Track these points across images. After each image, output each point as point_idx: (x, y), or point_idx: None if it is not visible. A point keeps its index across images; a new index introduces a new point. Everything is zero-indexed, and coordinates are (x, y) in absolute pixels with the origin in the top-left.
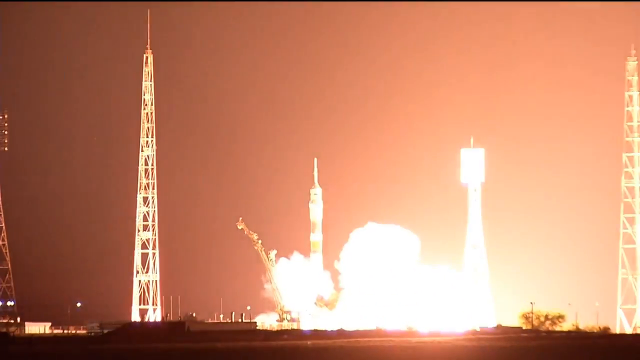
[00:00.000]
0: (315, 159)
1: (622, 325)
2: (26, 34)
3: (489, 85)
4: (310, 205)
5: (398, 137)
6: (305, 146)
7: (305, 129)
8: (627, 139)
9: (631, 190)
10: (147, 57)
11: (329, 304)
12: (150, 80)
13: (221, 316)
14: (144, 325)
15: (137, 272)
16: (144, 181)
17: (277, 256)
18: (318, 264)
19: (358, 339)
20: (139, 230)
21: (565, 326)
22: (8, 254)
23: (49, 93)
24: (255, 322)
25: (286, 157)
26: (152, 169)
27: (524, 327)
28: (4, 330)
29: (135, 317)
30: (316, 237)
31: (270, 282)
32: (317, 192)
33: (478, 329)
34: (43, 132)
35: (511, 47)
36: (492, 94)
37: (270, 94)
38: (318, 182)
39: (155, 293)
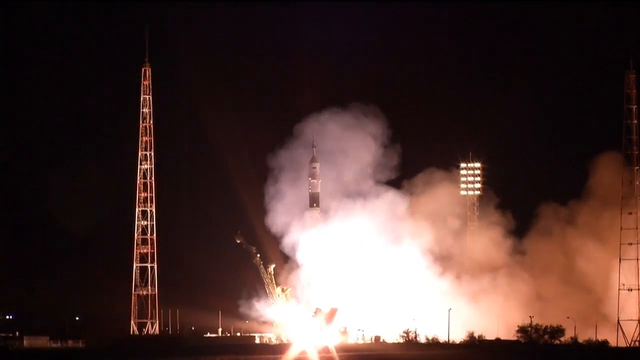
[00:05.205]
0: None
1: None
2: (23, 44)
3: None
4: (310, 180)
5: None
6: (303, 158)
7: (304, 141)
8: (627, 152)
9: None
10: (145, 71)
11: (327, 318)
12: (149, 94)
13: (219, 330)
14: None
15: (136, 286)
16: (143, 195)
17: (276, 269)
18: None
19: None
20: (137, 244)
21: (564, 340)
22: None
23: (47, 105)
24: (254, 336)
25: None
26: (150, 182)
27: (522, 341)
28: (2, 344)
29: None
30: (315, 211)
31: (269, 296)
32: (315, 166)
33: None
34: (40, 144)
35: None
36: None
37: (269, 103)
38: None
39: (153, 307)
